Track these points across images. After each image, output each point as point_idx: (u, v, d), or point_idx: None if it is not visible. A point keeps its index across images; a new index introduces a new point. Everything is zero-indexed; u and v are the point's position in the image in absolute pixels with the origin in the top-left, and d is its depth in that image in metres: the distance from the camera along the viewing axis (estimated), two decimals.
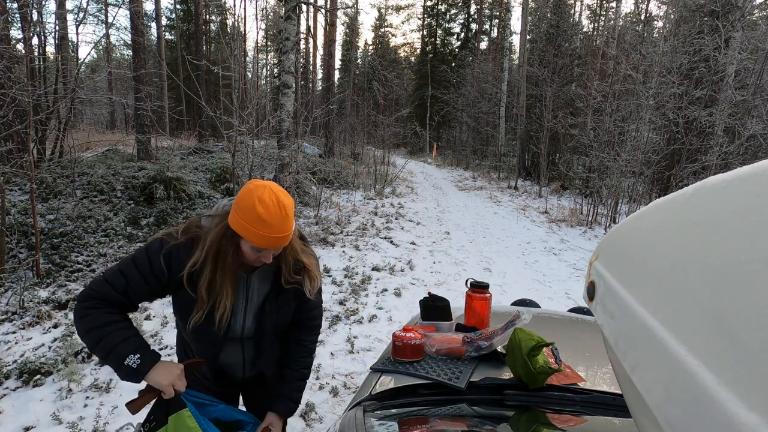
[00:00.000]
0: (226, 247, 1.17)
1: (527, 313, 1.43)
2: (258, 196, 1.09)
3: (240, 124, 5.46)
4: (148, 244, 1.19)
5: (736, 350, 0.32)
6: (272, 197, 1.10)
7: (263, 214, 1.08)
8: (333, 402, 2.71)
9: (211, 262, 1.16)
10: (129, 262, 1.18)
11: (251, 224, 1.09)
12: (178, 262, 1.17)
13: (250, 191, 1.10)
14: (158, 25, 19.22)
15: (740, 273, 0.33)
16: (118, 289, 1.15)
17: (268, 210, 1.09)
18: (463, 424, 1.07)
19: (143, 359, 1.12)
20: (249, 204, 1.09)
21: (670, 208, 0.47)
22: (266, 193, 1.10)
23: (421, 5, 32.85)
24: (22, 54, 5.81)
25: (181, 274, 1.16)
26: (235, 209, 1.12)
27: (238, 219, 1.11)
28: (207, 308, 1.19)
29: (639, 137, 9.02)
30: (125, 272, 1.16)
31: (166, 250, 1.16)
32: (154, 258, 1.16)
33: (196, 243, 1.18)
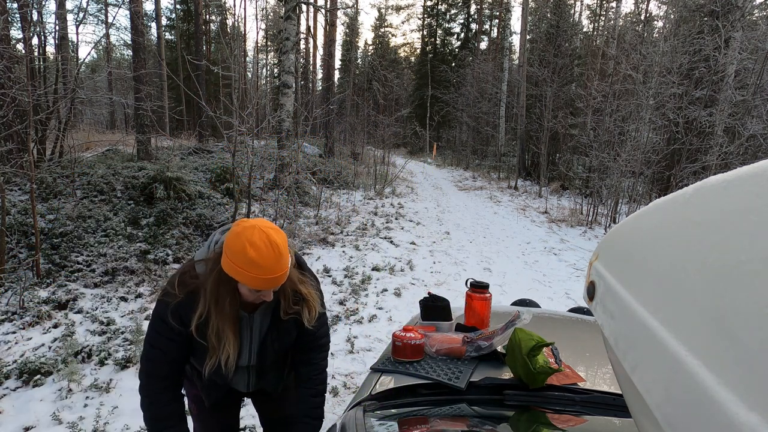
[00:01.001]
0: (223, 293, 1.15)
1: (527, 313, 1.43)
2: (248, 239, 1.05)
3: (240, 124, 5.46)
4: (156, 310, 1.20)
5: (736, 350, 0.32)
6: (263, 238, 1.06)
7: (255, 258, 1.05)
8: (333, 402, 2.71)
9: (214, 311, 1.16)
10: (152, 333, 1.22)
11: (245, 269, 1.06)
12: (186, 318, 1.17)
13: (238, 235, 1.07)
14: (158, 25, 19.22)
15: (740, 273, 0.33)
16: (160, 362, 1.21)
17: (260, 252, 1.05)
18: (463, 424, 1.07)
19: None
20: (239, 248, 1.05)
21: (670, 208, 0.47)
22: (256, 235, 1.06)
23: (421, 5, 32.87)
24: (22, 54, 5.81)
25: (190, 329, 1.17)
26: (226, 253, 1.09)
27: (231, 264, 1.08)
28: (220, 353, 1.20)
29: (639, 137, 9.02)
30: (155, 344, 1.21)
31: (172, 310, 1.17)
32: (166, 321, 1.18)
33: (197, 295, 1.17)
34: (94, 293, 3.97)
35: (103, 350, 3.06)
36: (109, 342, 3.24)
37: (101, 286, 4.11)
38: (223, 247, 1.11)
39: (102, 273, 4.27)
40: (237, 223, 1.12)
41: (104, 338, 3.29)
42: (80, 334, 3.31)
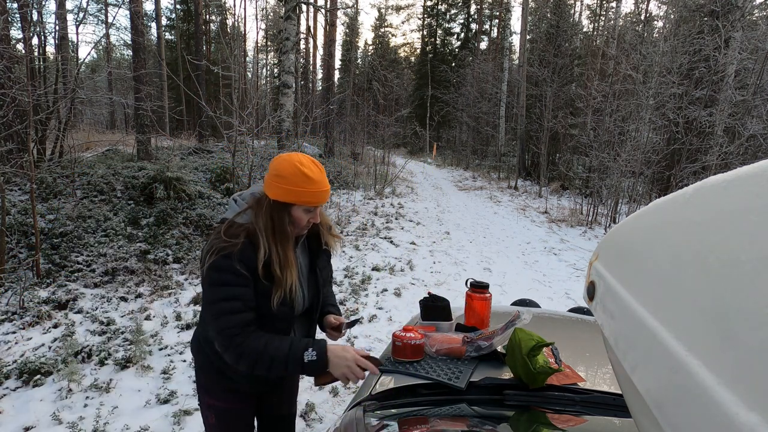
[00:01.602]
0: (279, 221, 1.23)
1: (527, 313, 1.43)
2: (297, 160, 1.18)
3: (240, 124, 5.46)
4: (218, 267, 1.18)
5: (736, 350, 0.32)
6: (305, 159, 1.20)
7: (309, 173, 1.17)
8: (333, 402, 2.71)
9: (273, 242, 1.22)
10: (222, 289, 1.18)
11: (302, 185, 1.17)
12: (251, 261, 1.20)
13: (285, 160, 1.19)
14: (158, 25, 19.22)
15: (740, 273, 0.33)
16: (240, 310, 1.19)
17: (311, 169, 1.19)
18: (463, 424, 1.07)
19: (317, 350, 1.19)
20: (294, 170, 1.17)
21: (670, 208, 0.47)
22: (300, 157, 1.20)
23: (421, 5, 32.88)
24: (22, 54, 5.81)
25: (254, 272, 1.20)
26: (276, 182, 1.18)
27: (286, 188, 1.18)
28: (285, 283, 1.24)
29: (639, 137, 9.01)
30: (230, 297, 1.18)
31: (238, 257, 1.18)
32: (235, 270, 1.18)
33: (254, 237, 1.21)
34: (94, 293, 3.97)
35: (103, 350, 3.06)
36: (109, 342, 3.24)
37: (101, 286, 4.11)
38: (273, 179, 1.19)
39: (102, 273, 4.27)
40: (276, 157, 1.24)
41: (104, 338, 3.29)
42: (80, 334, 3.31)
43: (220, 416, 1.43)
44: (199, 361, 1.42)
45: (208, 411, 1.44)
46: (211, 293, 1.19)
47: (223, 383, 1.39)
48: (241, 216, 1.25)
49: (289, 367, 1.18)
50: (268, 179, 1.21)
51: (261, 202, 1.23)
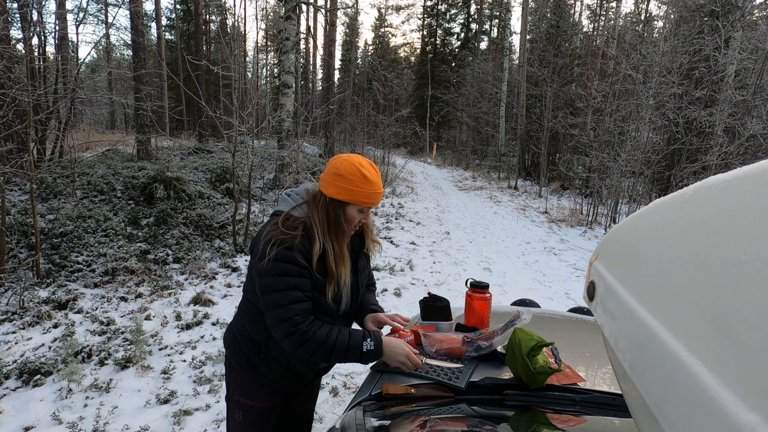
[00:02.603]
0: (335, 218, 1.26)
1: (527, 313, 1.43)
2: (358, 161, 1.24)
3: (240, 124, 5.45)
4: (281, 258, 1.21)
5: (736, 350, 0.32)
6: (365, 160, 1.26)
7: (369, 175, 1.23)
8: (333, 402, 2.71)
9: (329, 237, 1.26)
10: (279, 279, 1.21)
11: (360, 186, 1.22)
12: (304, 253, 1.24)
13: (346, 161, 1.24)
14: (158, 25, 19.21)
15: (740, 273, 0.33)
16: (302, 299, 1.24)
17: (370, 171, 1.24)
18: (463, 424, 1.07)
19: (374, 340, 1.26)
20: (354, 169, 1.22)
21: (670, 208, 0.47)
22: (360, 159, 1.25)
23: (421, 5, 32.88)
24: (22, 54, 5.81)
25: (311, 264, 1.24)
26: (336, 180, 1.23)
27: (345, 187, 1.22)
28: (339, 279, 1.28)
29: (639, 137, 9.01)
30: (289, 286, 1.22)
31: (298, 248, 1.23)
32: (295, 261, 1.22)
33: (311, 230, 1.26)
34: (94, 293, 3.97)
35: (103, 350, 3.06)
36: (109, 342, 3.24)
37: (101, 286, 4.11)
38: (331, 177, 1.24)
39: (102, 273, 4.27)
40: (335, 157, 1.28)
41: (104, 338, 3.29)
42: (80, 334, 3.31)
43: (248, 414, 1.43)
44: (233, 357, 1.42)
45: (237, 408, 1.44)
46: (275, 282, 1.22)
47: (255, 381, 1.40)
48: (296, 210, 1.29)
49: (349, 355, 1.25)
50: (327, 177, 1.25)
51: (317, 198, 1.28)
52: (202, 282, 4.51)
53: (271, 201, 7.19)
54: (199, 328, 3.54)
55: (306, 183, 1.38)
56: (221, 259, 5.09)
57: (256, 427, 1.46)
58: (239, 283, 4.58)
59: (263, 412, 1.44)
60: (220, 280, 4.62)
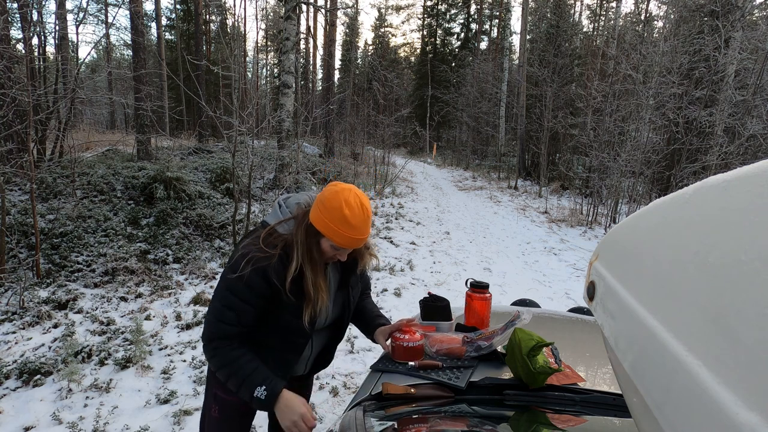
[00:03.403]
0: (308, 244, 1.21)
1: (527, 313, 1.43)
2: (345, 198, 1.14)
3: (240, 124, 5.45)
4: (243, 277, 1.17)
5: (736, 350, 0.32)
6: (357, 201, 1.15)
7: (349, 217, 1.13)
8: (333, 402, 2.71)
9: (308, 262, 1.21)
10: (229, 295, 1.20)
11: (336, 225, 1.14)
12: (278, 274, 1.19)
13: (337, 193, 1.15)
14: (158, 25, 19.20)
15: (740, 273, 0.33)
16: (231, 323, 1.21)
17: (354, 213, 1.14)
18: (463, 424, 1.07)
19: (269, 391, 1.19)
20: (337, 206, 1.13)
21: (670, 208, 0.47)
22: (352, 196, 1.15)
23: (421, 5, 32.86)
24: (22, 54, 5.81)
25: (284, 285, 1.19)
26: (319, 209, 1.16)
27: (323, 219, 1.15)
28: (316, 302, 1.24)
29: (639, 137, 9.01)
30: (231, 306, 1.20)
31: (273, 268, 1.18)
32: (253, 283, 1.18)
33: (291, 250, 1.20)
34: (94, 293, 3.97)
35: (103, 350, 3.06)
36: (109, 342, 3.24)
37: (101, 286, 4.11)
38: (317, 203, 1.18)
39: (102, 273, 4.27)
40: (332, 183, 1.21)
41: (104, 338, 3.29)
42: (80, 334, 3.31)
43: (225, 410, 1.40)
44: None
45: (213, 402, 1.41)
46: (222, 295, 1.21)
47: None
48: (282, 225, 1.24)
49: (241, 391, 1.20)
50: (315, 200, 1.20)
51: (303, 217, 1.22)
52: (202, 282, 4.51)
53: (271, 201, 7.19)
54: (199, 328, 3.54)
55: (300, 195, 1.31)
56: (221, 259, 5.09)
57: (232, 424, 1.42)
58: None
59: (241, 410, 1.41)
60: None
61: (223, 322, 1.21)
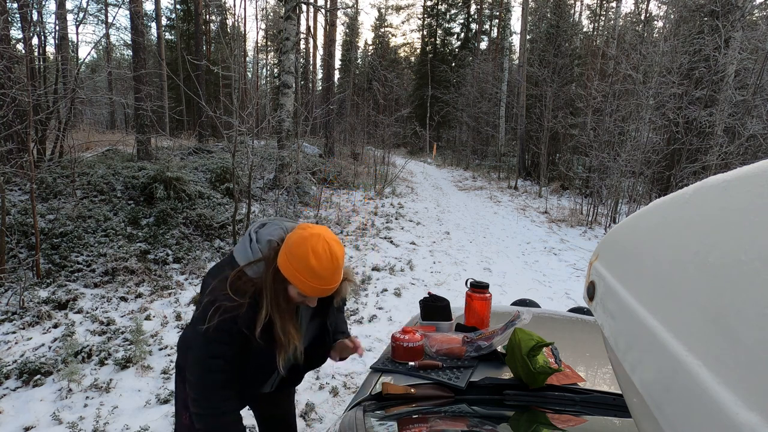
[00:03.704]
0: (279, 291, 1.16)
1: (527, 313, 1.43)
2: (312, 247, 1.07)
3: (240, 124, 5.46)
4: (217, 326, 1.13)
5: (736, 350, 0.32)
6: (326, 249, 1.08)
7: (316, 267, 1.07)
8: (333, 402, 2.71)
9: (276, 310, 1.16)
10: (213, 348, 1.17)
11: (303, 275, 1.08)
12: (248, 324, 1.16)
13: (304, 240, 1.08)
14: (158, 25, 19.21)
15: (740, 273, 0.33)
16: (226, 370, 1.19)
17: (321, 263, 1.07)
18: (463, 424, 1.07)
19: None
20: (302, 255, 1.07)
21: (670, 208, 0.47)
22: (320, 245, 1.08)
23: (421, 5, 32.85)
24: (22, 54, 5.81)
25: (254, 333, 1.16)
26: (286, 255, 1.10)
27: (289, 267, 1.09)
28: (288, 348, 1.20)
29: (639, 137, 9.01)
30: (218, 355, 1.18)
31: (242, 319, 1.15)
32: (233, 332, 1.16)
33: (260, 298, 1.16)
34: (94, 293, 3.97)
35: (103, 350, 3.06)
36: (109, 342, 3.24)
37: (101, 286, 4.11)
38: (284, 248, 1.11)
39: (102, 273, 4.27)
40: (302, 226, 1.13)
41: (104, 338, 3.29)
42: (80, 334, 3.31)
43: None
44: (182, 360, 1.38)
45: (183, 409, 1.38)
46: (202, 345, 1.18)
47: None
48: (251, 267, 1.17)
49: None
50: (283, 245, 1.13)
51: (271, 261, 1.15)
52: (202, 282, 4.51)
53: (271, 201, 7.19)
54: None
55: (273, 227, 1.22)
56: (221, 259, 5.09)
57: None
58: None
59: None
60: None
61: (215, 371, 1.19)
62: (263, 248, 1.18)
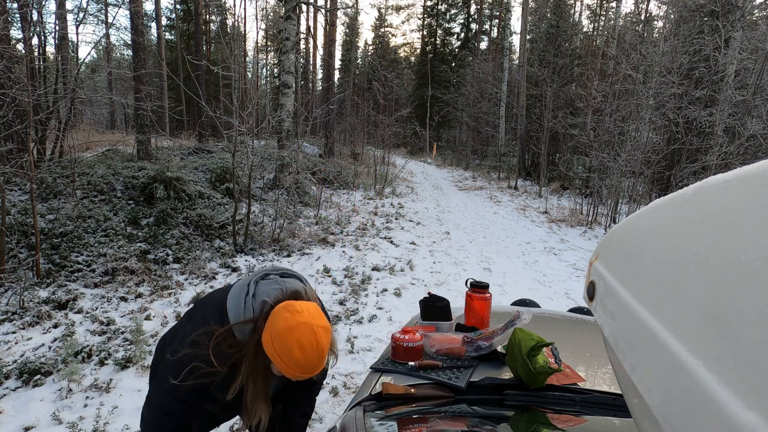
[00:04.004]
0: (259, 368, 1.14)
1: (527, 313, 1.43)
2: (298, 340, 1.05)
3: (240, 124, 5.46)
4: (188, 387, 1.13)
5: (736, 350, 0.32)
6: (312, 341, 1.06)
7: (300, 359, 1.06)
8: (333, 402, 2.71)
9: (251, 383, 1.15)
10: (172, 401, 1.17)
11: (286, 363, 1.07)
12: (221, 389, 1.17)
13: (291, 330, 1.05)
14: (158, 25, 19.21)
15: (740, 273, 0.33)
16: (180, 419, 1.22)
17: (306, 355, 1.06)
18: (463, 424, 1.07)
19: None
20: (287, 346, 1.05)
21: (670, 208, 0.47)
22: (306, 338, 1.05)
23: (421, 5, 32.85)
24: (22, 54, 5.80)
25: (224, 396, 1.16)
26: (272, 339, 1.07)
27: (273, 352, 1.07)
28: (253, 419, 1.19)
29: (639, 137, 9.01)
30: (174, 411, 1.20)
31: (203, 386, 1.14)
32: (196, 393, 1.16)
33: (239, 367, 1.14)
34: (94, 293, 3.97)
35: (103, 350, 3.06)
36: (109, 342, 3.24)
37: (101, 286, 4.11)
38: (271, 328, 1.08)
39: (102, 273, 4.27)
40: (290, 309, 1.09)
41: (104, 338, 3.29)
42: (80, 334, 3.31)
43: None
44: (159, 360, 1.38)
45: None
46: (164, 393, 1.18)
47: None
48: (240, 328, 1.14)
49: None
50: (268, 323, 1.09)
51: (258, 330, 1.11)
52: (202, 282, 4.51)
53: (271, 201, 7.19)
54: None
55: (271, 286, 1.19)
56: (221, 259, 5.09)
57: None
58: None
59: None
60: (220, 280, 4.62)
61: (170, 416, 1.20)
62: (257, 307, 1.15)
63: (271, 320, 1.09)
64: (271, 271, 1.25)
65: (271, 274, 1.24)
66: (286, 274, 1.27)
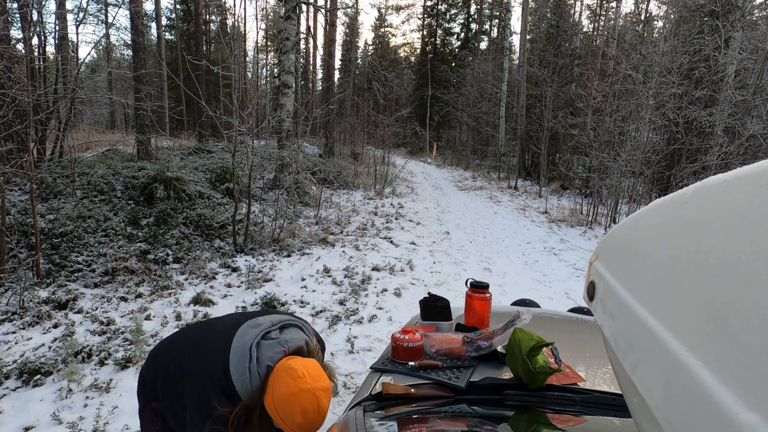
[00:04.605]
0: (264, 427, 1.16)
1: (527, 313, 1.43)
2: (301, 406, 1.07)
3: (240, 124, 5.46)
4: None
5: (736, 350, 0.32)
6: (314, 406, 1.09)
7: (302, 423, 1.08)
8: (333, 402, 2.71)
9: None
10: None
11: (290, 426, 1.09)
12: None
13: (294, 397, 1.08)
14: (158, 25, 19.20)
15: (740, 273, 0.33)
16: None
17: (308, 419, 1.08)
18: (463, 424, 1.07)
19: None
20: (290, 411, 1.08)
21: (670, 208, 0.47)
22: (309, 402, 1.08)
23: (421, 5, 32.83)
24: (22, 54, 5.80)
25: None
26: (275, 403, 1.10)
27: (277, 415, 1.10)
28: None
29: (639, 137, 9.01)
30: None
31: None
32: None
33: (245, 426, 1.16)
34: (94, 293, 3.97)
35: (103, 350, 3.06)
36: (109, 342, 3.24)
37: (101, 286, 4.12)
38: (273, 392, 1.10)
39: (102, 273, 4.27)
40: (292, 374, 1.11)
41: (104, 338, 3.29)
42: (80, 334, 3.31)
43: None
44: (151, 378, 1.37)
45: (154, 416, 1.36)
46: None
47: None
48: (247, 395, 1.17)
49: None
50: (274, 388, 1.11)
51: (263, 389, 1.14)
52: (202, 282, 4.51)
53: (271, 201, 7.19)
54: None
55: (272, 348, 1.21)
56: (221, 259, 5.09)
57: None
58: (239, 283, 4.58)
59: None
60: (220, 280, 4.62)
61: None
62: (262, 373, 1.17)
63: (273, 383, 1.11)
64: (270, 328, 1.24)
65: (272, 330, 1.24)
66: (286, 324, 1.27)
